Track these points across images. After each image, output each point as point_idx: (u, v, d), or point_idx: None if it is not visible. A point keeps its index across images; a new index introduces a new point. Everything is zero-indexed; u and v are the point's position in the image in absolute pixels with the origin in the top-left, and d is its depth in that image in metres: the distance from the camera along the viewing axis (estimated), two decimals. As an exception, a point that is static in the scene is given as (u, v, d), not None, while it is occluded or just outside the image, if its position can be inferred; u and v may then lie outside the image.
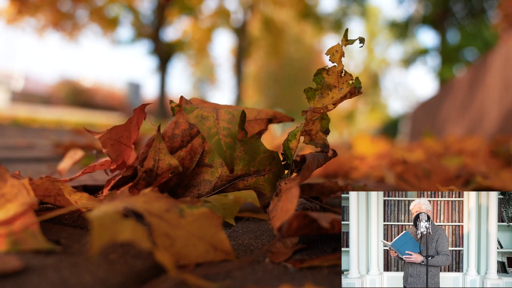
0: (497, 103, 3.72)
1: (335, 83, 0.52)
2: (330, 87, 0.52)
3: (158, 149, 0.53)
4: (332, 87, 0.52)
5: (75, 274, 0.35)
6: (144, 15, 12.73)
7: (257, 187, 0.55)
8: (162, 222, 0.38)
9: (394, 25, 15.49)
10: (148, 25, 12.68)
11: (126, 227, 0.32)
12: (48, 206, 0.60)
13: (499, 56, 3.83)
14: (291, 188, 0.45)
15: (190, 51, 15.70)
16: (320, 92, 0.53)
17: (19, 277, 0.33)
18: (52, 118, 8.50)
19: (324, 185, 0.70)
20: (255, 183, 0.55)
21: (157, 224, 0.37)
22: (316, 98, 0.53)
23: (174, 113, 0.58)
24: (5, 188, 0.41)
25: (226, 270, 0.39)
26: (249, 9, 13.90)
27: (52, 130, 4.06)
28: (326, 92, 0.53)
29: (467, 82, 4.90)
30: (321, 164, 0.54)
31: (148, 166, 0.53)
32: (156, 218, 0.38)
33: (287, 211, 0.41)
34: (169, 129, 0.58)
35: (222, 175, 0.56)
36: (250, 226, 0.58)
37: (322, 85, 0.53)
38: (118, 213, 0.34)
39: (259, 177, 0.55)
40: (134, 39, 13.03)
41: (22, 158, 1.40)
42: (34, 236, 0.38)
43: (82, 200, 0.51)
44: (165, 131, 0.58)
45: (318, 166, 0.53)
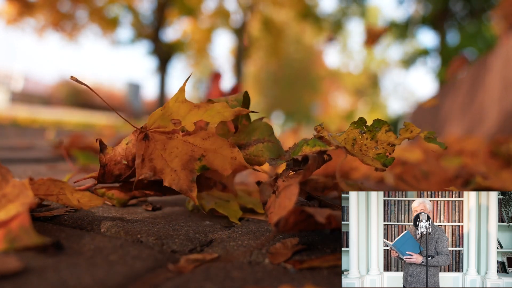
0: (497, 104, 3.72)
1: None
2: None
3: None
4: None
5: (75, 275, 0.35)
6: (144, 16, 12.73)
7: (256, 154, 0.59)
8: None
9: (393, 26, 15.50)
10: (148, 25, 12.67)
11: None
12: (49, 207, 0.60)
13: (499, 56, 3.83)
14: (290, 185, 0.45)
15: (190, 52, 15.70)
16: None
17: (18, 278, 0.33)
18: (52, 118, 8.50)
19: (318, 180, 0.70)
20: (255, 151, 0.60)
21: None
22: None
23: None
24: (6, 188, 0.41)
25: (226, 271, 0.39)
26: (248, 9, 13.91)
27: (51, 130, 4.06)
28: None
29: (467, 83, 4.91)
30: (320, 165, 0.54)
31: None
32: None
33: (285, 208, 0.42)
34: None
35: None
36: (250, 227, 0.58)
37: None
38: None
39: (258, 144, 0.60)
40: (134, 40, 13.02)
41: (21, 159, 1.40)
42: (27, 232, 0.38)
43: (84, 198, 0.51)
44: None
45: (317, 167, 0.53)
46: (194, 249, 0.46)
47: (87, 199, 0.51)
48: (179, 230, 0.52)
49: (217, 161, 0.55)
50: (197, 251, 0.46)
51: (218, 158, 0.55)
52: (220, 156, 0.55)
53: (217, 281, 0.36)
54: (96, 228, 0.52)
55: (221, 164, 0.55)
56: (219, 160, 0.55)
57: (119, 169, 0.58)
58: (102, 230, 0.51)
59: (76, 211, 0.58)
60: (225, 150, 0.55)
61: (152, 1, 12.39)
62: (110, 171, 0.58)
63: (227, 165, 0.55)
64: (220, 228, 0.56)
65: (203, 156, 0.55)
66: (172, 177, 0.54)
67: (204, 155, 0.55)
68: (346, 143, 0.53)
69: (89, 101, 21.36)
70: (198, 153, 0.55)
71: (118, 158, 0.58)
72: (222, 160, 0.55)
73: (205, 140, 0.55)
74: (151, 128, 0.54)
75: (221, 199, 0.67)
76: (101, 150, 0.57)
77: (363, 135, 0.53)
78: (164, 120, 0.54)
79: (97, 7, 11.45)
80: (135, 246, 0.45)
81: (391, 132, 0.52)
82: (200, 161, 0.55)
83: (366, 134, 0.53)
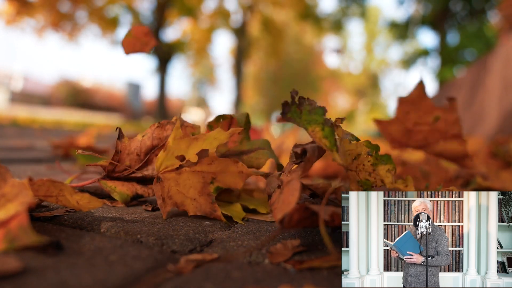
0: (497, 104, 3.72)
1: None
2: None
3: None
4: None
5: (75, 275, 0.35)
6: (144, 16, 12.72)
7: (257, 157, 0.68)
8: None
9: (394, 26, 15.50)
10: (148, 25, 12.67)
11: None
12: (49, 207, 0.60)
13: (499, 57, 3.84)
14: (292, 180, 0.45)
15: (190, 52, 15.70)
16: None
17: (18, 278, 0.33)
18: (52, 118, 8.50)
19: (318, 186, 0.70)
20: (256, 154, 0.68)
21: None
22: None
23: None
24: (5, 188, 0.41)
25: (226, 271, 0.39)
26: (248, 9, 13.90)
27: (52, 130, 4.06)
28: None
29: (467, 83, 4.91)
30: (321, 154, 0.54)
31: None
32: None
33: (288, 204, 0.42)
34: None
35: (231, 149, 0.70)
36: (250, 227, 0.58)
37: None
38: None
39: (259, 151, 0.69)
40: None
41: (21, 159, 1.40)
42: (25, 232, 0.38)
43: (83, 200, 0.51)
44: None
45: (318, 157, 0.53)
46: (194, 249, 0.46)
47: (86, 200, 0.51)
48: (179, 230, 0.52)
49: (228, 179, 0.60)
50: (197, 251, 0.46)
51: (228, 176, 0.60)
52: (229, 174, 0.60)
53: (217, 282, 0.36)
54: (96, 228, 0.52)
55: (232, 180, 0.60)
56: (229, 178, 0.60)
57: (130, 160, 0.64)
58: (102, 230, 0.51)
59: (75, 211, 0.58)
60: (231, 167, 0.60)
61: (152, 1, 12.39)
62: (122, 160, 0.64)
63: (237, 179, 0.60)
64: (220, 228, 0.56)
65: (214, 179, 0.60)
66: (194, 206, 0.59)
67: (215, 177, 0.60)
68: (350, 154, 0.55)
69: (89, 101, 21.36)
70: (209, 177, 0.60)
71: (132, 149, 0.64)
72: (232, 177, 0.60)
73: (211, 165, 0.59)
74: (160, 171, 0.59)
75: (223, 200, 0.68)
76: (119, 138, 0.63)
77: (368, 156, 0.55)
78: (169, 160, 0.59)
79: (97, 7, 11.44)
80: (135, 246, 0.45)
81: (390, 174, 0.54)
82: (213, 184, 0.60)
83: (371, 158, 0.54)
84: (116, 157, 0.63)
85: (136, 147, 0.64)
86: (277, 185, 0.51)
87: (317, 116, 0.53)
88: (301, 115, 0.53)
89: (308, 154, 0.49)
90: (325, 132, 0.52)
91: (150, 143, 0.65)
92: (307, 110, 0.53)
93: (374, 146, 0.55)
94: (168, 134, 0.65)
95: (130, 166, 0.64)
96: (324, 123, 0.52)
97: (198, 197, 0.59)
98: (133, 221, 0.55)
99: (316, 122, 0.53)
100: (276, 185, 0.52)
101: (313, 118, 0.53)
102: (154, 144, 0.65)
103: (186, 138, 0.57)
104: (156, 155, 0.65)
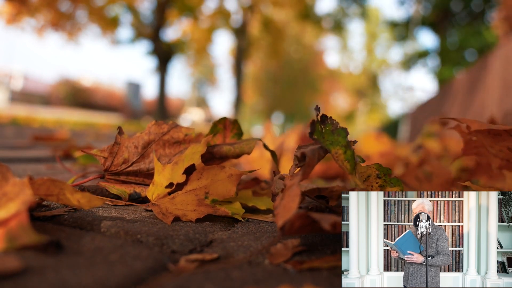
0: (497, 104, 3.72)
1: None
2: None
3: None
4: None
5: (75, 275, 0.35)
6: (144, 15, 12.70)
7: (247, 144, 0.71)
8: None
9: (394, 26, 15.50)
10: (148, 25, 12.65)
11: None
12: (49, 207, 0.60)
13: (499, 57, 3.84)
14: (292, 186, 0.45)
15: (190, 52, 15.68)
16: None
17: (18, 278, 0.33)
18: (52, 118, 8.50)
19: (333, 189, 0.70)
20: (245, 143, 0.71)
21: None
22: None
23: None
24: (7, 187, 0.41)
25: (226, 271, 0.39)
26: (248, 9, 13.89)
27: (51, 130, 4.06)
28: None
29: (467, 83, 4.91)
30: (322, 156, 0.54)
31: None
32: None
33: (289, 210, 0.42)
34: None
35: (228, 142, 0.76)
36: (250, 227, 0.58)
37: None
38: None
39: (248, 141, 0.72)
40: (134, 39, 13.00)
41: (21, 158, 1.40)
42: (25, 231, 0.38)
43: (84, 199, 0.51)
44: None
45: (318, 160, 0.53)
46: (194, 250, 0.46)
47: (87, 199, 0.51)
48: (179, 230, 0.52)
49: (220, 189, 0.60)
50: (197, 251, 0.46)
51: (219, 186, 0.60)
52: (219, 183, 0.60)
53: (217, 282, 0.36)
54: (96, 228, 0.52)
55: (224, 188, 0.60)
56: (221, 187, 0.60)
57: (128, 152, 0.68)
58: (102, 230, 0.51)
59: (76, 210, 0.58)
60: (219, 175, 0.61)
61: (152, 1, 12.38)
62: (120, 152, 0.68)
63: (229, 186, 0.60)
64: (220, 229, 0.56)
65: (207, 193, 0.61)
66: (196, 214, 0.59)
67: (207, 191, 0.61)
68: (361, 176, 0.55)
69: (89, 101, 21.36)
70: (202, 193, 0.61)
71: (130, 143, 0.69)
72: (223, 185, 0.60)
73: (200, 180, 0.61)
74: (154, 200, 0.61)
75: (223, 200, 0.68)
76: (119, 133, 0.68)
77: (377, 178, 0.55)
78: (159, 189, 0.62)
79: (97, 7, 11.43)
80: (135, 246, 0.45)
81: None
82: (208, 198, 0.60)
83: (380, 181, 0.55)
84: (115, 147, 0.67)
85: (134, 140, 0.69)
86: (282, 187, 0.51)
87: (340, 138, 0.53)
88: (323, 134, 0.53)
89: (307, 159, 0.49)
90: (347, 155, 0.53)
91: (148, 138, 0.69)
92: (329, 130, 0.53)
93: (385, 170, 0.55)
94: (164, 131, 0.70)
95: (128, 159, 0.68)
96: (346, 146, 0.53)
97: (198, 208, 0.59)
98: (133, 221, 0.55)
99: (339, 144, 0.53)
100: (281, 187, 0.52)
101: (335, 139, 0.53)
102: (151, 138, 0.69)
103: (167, 166, 0.61)
104: (153, 149, 0.69)
